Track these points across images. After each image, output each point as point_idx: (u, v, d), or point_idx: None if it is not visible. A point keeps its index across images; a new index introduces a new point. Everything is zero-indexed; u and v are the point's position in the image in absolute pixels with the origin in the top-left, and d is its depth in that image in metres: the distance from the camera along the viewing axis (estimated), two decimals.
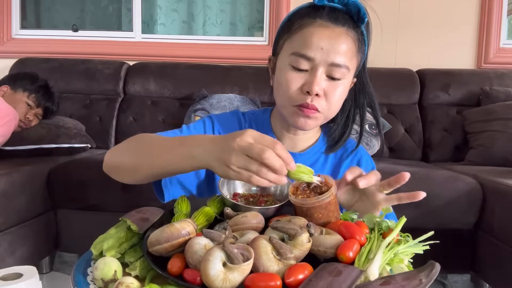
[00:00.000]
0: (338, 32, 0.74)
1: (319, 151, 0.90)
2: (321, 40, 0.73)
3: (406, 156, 2.27)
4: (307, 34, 0.75)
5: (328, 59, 0.74)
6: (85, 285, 0.54)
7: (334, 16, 0.75)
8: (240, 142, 0.57)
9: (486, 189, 1.60)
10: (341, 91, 0.78)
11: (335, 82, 0.77)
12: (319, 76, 0.75)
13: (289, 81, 0.77)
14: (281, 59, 0.80)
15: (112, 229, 0.64)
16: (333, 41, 0.74)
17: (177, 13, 2.92)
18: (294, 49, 0.76)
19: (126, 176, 0.75)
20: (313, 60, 0.74)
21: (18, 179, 1.57)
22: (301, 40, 0.75)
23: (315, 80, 0.74)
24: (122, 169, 0.75)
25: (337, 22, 0.75)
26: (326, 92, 0.76)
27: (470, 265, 1.68)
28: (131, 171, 0.73)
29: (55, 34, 2.86)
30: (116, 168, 0.77)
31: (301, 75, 0.76)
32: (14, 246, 1.56)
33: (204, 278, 0.49)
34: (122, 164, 0.75)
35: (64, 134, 1.94)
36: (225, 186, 0.77)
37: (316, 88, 0.74)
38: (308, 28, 0.75)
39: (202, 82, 2.43)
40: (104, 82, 2.51)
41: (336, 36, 0.74)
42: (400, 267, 0.56)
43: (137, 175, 0.72)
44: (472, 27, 2.59)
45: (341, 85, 0.77)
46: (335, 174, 0.88)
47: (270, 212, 0.70)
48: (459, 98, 2.37)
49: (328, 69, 0.75)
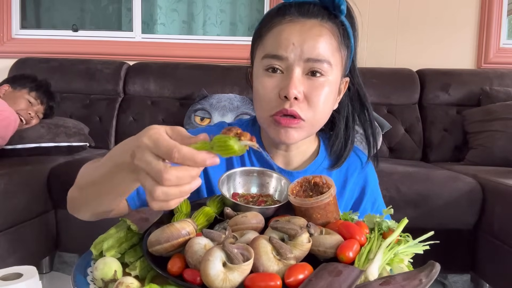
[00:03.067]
0: (310, 24, 0.66)
1: (321, 167, 0.78)
2: (292, 35, 0.65)
3: (406, 156, 2.27)
4: (275, 33, 0.67)
5: (302, 55, 0.65)
6: (85, 285, 0.54)
7: (304, 9, 0.67)
8: (140, 140, 0.43)
9: (486, 189, 1.60)
10: (326, 91, 0.67)
11: (316, 81, 0.67)
12: (295, 76, 0.65)
13: (264, 87, 0.68)
14: (256, 66, 0.72)
15: (112, 229, 0.64)
16: (305, 35, 0.65)
17: (177, 13, 2.92)
18: (265, 51, 0.68)
19: (83, 210, 0.66)
20: (286, 59, 0.66)
21: (18, 179, 1.57)
22: (271, 40, 0.68)
23: (292, 81, 0.65)
24: (78, 203, 0.67)
25: (308, 15, 0.67)
26: (307, 95, 0.67)
27: (470, 265, 1.68)
28: (83, 203, 0.65)
29: (55, 34, 2.86)
30: (74, 204, 0.68)
31: (276, 79, 0.67)
32: (14, 246, 1.56)
33: (204, 278, 0.49)
34: (75, 199, 0.67)
35: (63, 133, 1.94)
36: (225, 186, 0.77)
37: (294, 91, 0.65)
38: (276, 27, 0.68)
39: (202, 82, 2.43)
40: (104, 82, 2.51)
41: (308, 29, 0.66)
42: (400, 267, 0.56)
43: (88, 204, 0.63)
44: (472, 27, 2.59)
45: (325, 84, 0.67)
46: (342, 192, 0.78)
47: (270, 212, 0.70)
48: (459, 98, 2.37)
49: (305, 66, 0.66)
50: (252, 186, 0.81)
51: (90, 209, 0.64)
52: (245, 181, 0.81)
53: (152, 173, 0.41)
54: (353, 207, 0.79)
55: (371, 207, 0.79)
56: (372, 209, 0.80)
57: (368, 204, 0.78)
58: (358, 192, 0.78)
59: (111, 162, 0.51)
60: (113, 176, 0.51)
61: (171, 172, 0.41)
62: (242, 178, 0.81)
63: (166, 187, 0.41)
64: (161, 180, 0.41)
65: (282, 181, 0.80)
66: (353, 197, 0.78)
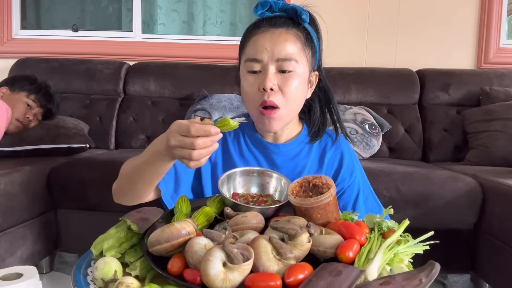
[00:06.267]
0: (278, 32, 0.85)
1: (303, 142, 0.97)
2: (265, 42, 0.85)
3: (406, 156, 2.27)
4: (252, 42, 0.86)
5: (273, 56, 0.84)
6: (85, 285, 0.54)
7: (273, 22, 0.86)
8: (170, 130, 0.67)
9: (486, 189, 1.60)
10: (295, 82, 0.86)
11: (287, 75, 0.85)
12: (270, 72, 0.84)
13: (248, 85, 0.87)
14: (241, 69, 0.90)
15: (112, 229, 0.64)
16: (274, 41, 0.84)
17: (177, 13, 2.92)
18: (246, 56, 0.87)
19: (128, 195, 0.85)
20: (261, 60, 0.85)
21: (18, 179, 1.57)
22: (250, 47, 0.87)
23: (267, 76, 0.84)
24: (124, 190, 0.86)
25: (277, 25, 0.86)
26: (280, 86, 0.85)
27: (470, 265, 1.68)
28: (129, 189, 0.84)
29: (55, 34, 2.86)
30: (119, 190, 0.87)
31: (256, 76, 0.86)
32: (14, 246, 1.56)
33: (204, 278, 0.49)
34: (122, 186, 0.86)
35: (63, 135, 1.93)
36: (225, 186, 0.77)
37: (269, 84, 0.83)
38: (253, 37, 0.87)
39: (202, 82, 2.43)
40: (104, 82, 2.51)
41: (277, 36, 0.85)
42: (400, 267, 0.56)
43: (135, 188, 0.82)
44: (472, 27, 2.59)
45: (294, 77, 0.85)
46: (320, 164, 0.96)
47: (270, 212, 0.70)
48: (459, 98, 2.37)
49: (277, 65, 0.84)
50: (252, 186, 0.81)
51: (133, 191, 0.83)
52: (245, 181, 0.81)
53: (185, 145, 0.64)
54: (334, 176, 0.95)
55: (348, 179, 0.95)
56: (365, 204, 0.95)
57: (346, 173, 0.95)
58: (337, 163, 0.96)
59: (150, 152, 0.75)
60: (153, 161, 0.74)
61: (198, 140, 0.63)
62: (242, 178, 0.81)
63: (197, 150, 0.64)
64: (194, 146, 0.63)
65: (282, 181, 0.80)
66: (333, 167, 0.96)
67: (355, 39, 2.62)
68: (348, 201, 0.93)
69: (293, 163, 0.94)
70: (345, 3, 2.60)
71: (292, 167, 0.93)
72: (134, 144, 2.35)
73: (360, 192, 0.95)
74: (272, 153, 0.94)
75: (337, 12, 2.56)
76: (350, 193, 0.94)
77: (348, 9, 2.60)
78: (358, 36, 2.63)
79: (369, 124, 2.18)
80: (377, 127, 2.20)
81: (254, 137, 0.96)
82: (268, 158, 0.94)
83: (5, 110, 1.69)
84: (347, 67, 2.44)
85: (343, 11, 2.59)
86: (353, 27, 2.62)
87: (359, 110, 2.24)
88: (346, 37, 2.59)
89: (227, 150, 0.96)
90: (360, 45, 2.64)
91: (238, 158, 0.95)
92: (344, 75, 2.39)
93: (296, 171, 0.93)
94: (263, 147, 0.95)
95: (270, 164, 0.93)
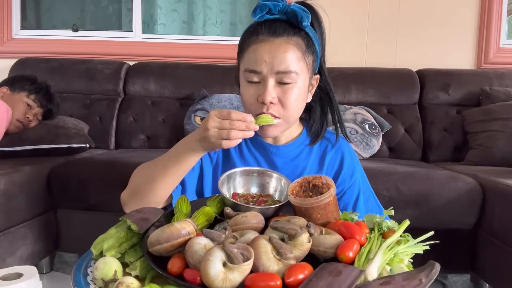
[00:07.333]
0: (278, 43, 0.82)
1: (303, 144, 0.97)
2: (264, 54, 0.82)
3: (406, 156, 2.27)
4: (251, 51, 0.84)
5: (273, 69, 0.82)
6: (85, 285, 0.54)
7: (272, 29, 0.83)
8: (209, 115, 0.73)
9: (486, 189, 1.60)
10: (295, 93, 0.84)
11: (287, 87, 0.83)
12: (269, 86, 0.82)
13: (247, 95, 0.86)
14: (240, 74, 0.89)
15: (112, 229, 0.64)
16: (273, 53, 0.82)
17: (177, 13, 2.92)
18: (245, 66, 0.85)
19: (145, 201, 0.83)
20: (260, 73, 0.83)
21: (18, 179, 1.57)
22: (249, 57, 0.84)
23: (266, 90, 0.82)
24: (142, 192, 0.84)
25: (276, 34, 0.83)
26: (280, 98, 0.84)
27: (470, 265, 1.68)
28: (150, 189, 0.83)
29: (55, 34, 2.86)
30: (135, 195, 0.86)
31: (255, 87, 0.85)
32: (14, 246, 1.56)
33: (204, 278, 0.49)
34: (141, 188, 0.85)
35: (63, 135, 1.93)
36: (225, 186, 0.77)
37: (269, 98, 0.82)
38: (252, 45, 0.84)
39: (202, 82, 2.43)
40: (104, 82, 2.51)
41: (276, 48, 0.82)
42: (400, 267, 0.56)
43: (156, 187, 0.82)
44: (472, 27, 2.59)
45: (294, 88, 0.84)
46: (320, 166, 0.96)
47: (270, 212, 0.70)
48: (459, 98, 2.37)
49: (277, 77, 0.83)
50: (252, 186, 0.81)
51: (154, 195, 0.83)
52: (245, 181, 0.81)
53: (224, 125, 0.72)
54: (334, 178, 0.94)
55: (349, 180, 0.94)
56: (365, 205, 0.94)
57: (347, 175, 0.94)
58: (338, 165, 0.96)
59: (175, 151, 0.82)
60: (180, 159, 0.80)
61: (236, 121, 0.72)
62: (242, 178, 0.81)
63: (234, 130, 0.71)
64: (233, 125, 0.71)
65: (282, 181, 0.80)
66: (334, 169, 0.95)
67: (355, 39, 2.62)
68: (348, 202, 0.93)
69: (293, 165, 0.94)
70: (345, 3, 2.60)
71: (292, 168, 0.93)
72: (134, 144, 2.36)
73: (361, 193, 0.94)
74: (272, 154, 0.94)
75: (337, 12, 2.56)
76: (351, 195, 0.93)
77: (348, 9, 2.60)
78: (358, 36, 2.63)
79: (369, 124, 2.18)
80: (377, 127, 2.20)
81: (255, 138, 0.95)
82: (268, 159, 0.94)
83: (5, 110, 1.70)
84: (347, 67, 2.44)
85: (343, 11, 2.59)
86: (353, 27, 2.62)
87: (359, 110, 2.24)
88: (346, 37, 2.59)
89: (228, 151, 0.96)
90: (360, 45, 2.64)
91: (239, 159, 0.95)
92: (344, 75, 2.39)
93: (296, 173, 0.93)
94: (263, 148, 0.95)
95: (270, 166, 0.93)
